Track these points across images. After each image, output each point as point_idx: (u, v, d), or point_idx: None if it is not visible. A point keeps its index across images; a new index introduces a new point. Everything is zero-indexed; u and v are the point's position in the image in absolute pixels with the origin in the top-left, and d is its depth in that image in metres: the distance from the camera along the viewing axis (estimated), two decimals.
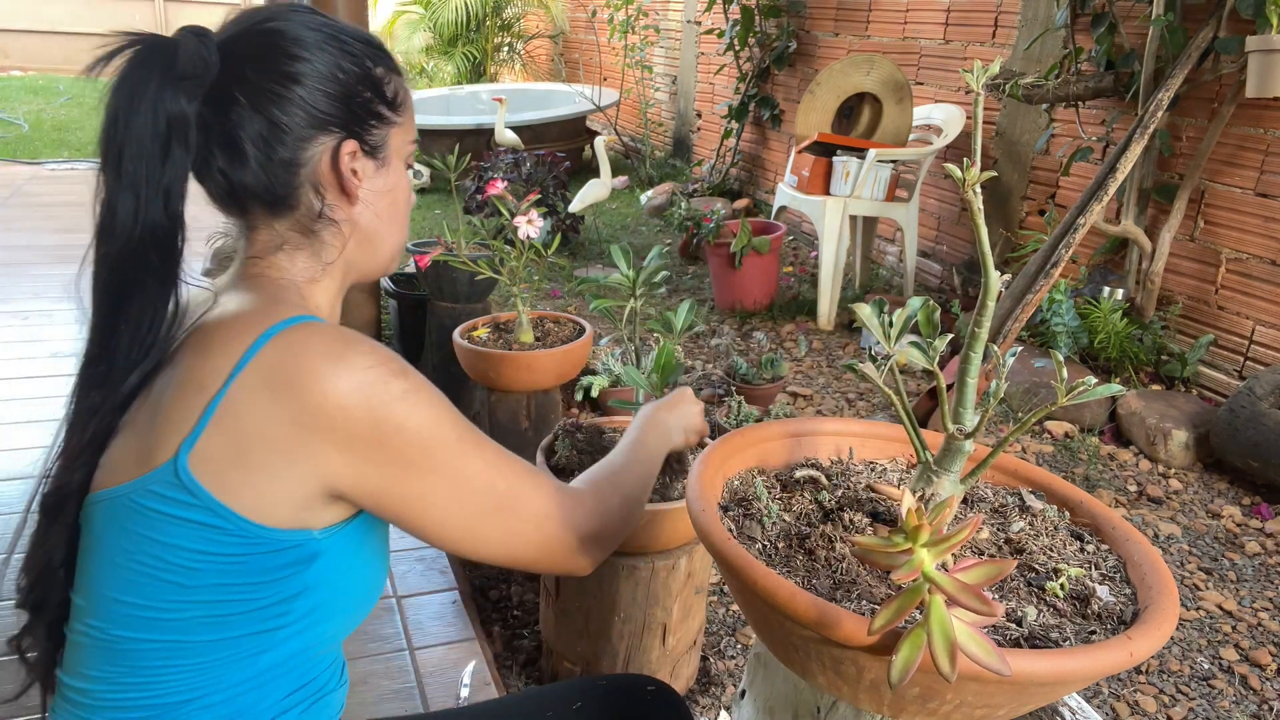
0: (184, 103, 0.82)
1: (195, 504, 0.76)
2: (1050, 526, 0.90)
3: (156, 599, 0.77)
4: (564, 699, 1.11)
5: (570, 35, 9.25)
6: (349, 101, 0.88)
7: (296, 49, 0.86)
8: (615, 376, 2.51)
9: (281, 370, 0.77)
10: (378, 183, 0.92)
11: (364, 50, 0.91)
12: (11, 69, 10.59)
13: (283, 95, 0.85)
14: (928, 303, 0.82)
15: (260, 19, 0.89)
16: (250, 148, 0.85)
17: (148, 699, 0.79)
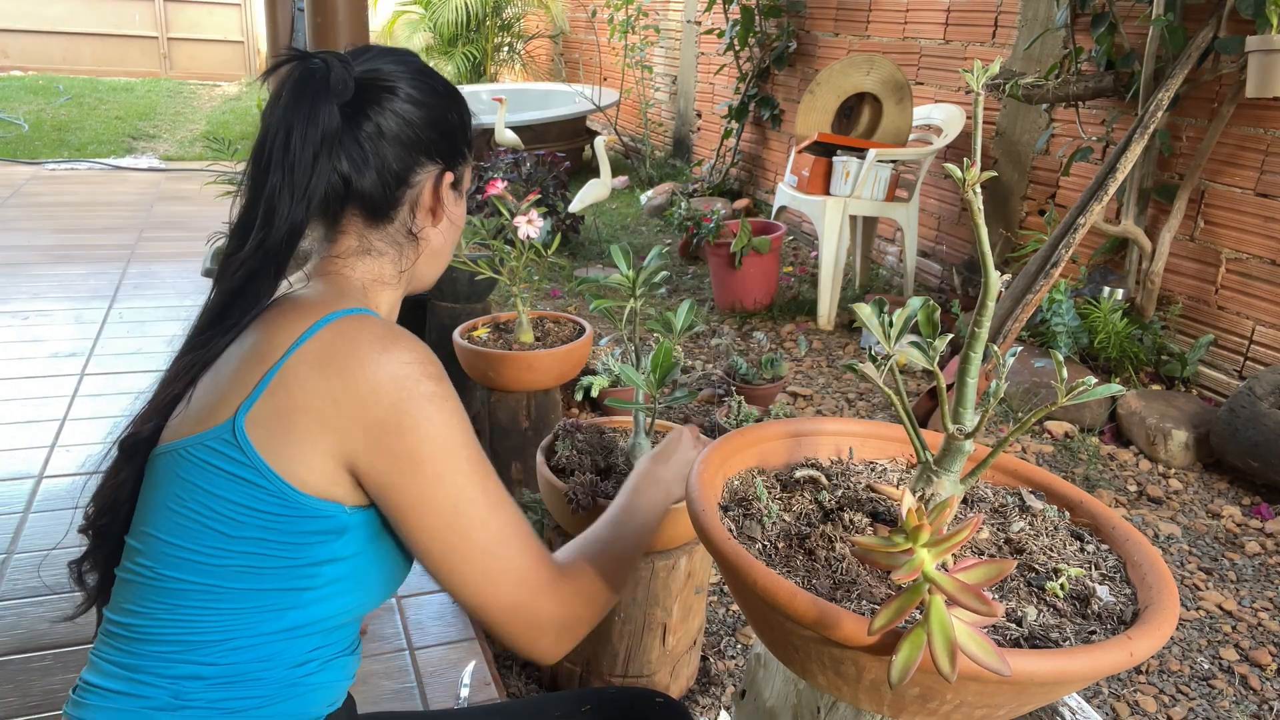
0: (335, 117, 0.94)
1: (244, 462, 0.85)
2: (1050, 526, 0.90)
3: (202, 544, 0.86)
4: (572, 703, 1.13)
5: (570, 35, 9.25)
6: (451, 140, 1.04)
7: (412, 87, 1.01)
8: (615, 376, 2.51)
9: (332, 351, 0.87)
10: (454, 211, 1.07)
11: (456, 96, 1.07)
12: (11, 69, 10.58)
13: (405, 121, 0.99)
14: (928, 303, 0.82)
15: (381, 59, 1.02)
16: (374, 160, 0.97)
17: (184, 635, 0.87)
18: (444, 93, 1.04)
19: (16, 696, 1.61)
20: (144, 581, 0.89)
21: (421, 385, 0.87)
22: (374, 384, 0.85)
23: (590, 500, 1.42)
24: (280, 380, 0.86)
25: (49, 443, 2.54)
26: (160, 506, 0.89)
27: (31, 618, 1.81)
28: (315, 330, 0.88)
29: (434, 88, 1.02)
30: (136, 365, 3.12)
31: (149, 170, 6.33)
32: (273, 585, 0.87)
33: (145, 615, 0.88)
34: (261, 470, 0.85)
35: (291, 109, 0.93)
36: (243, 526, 0.85)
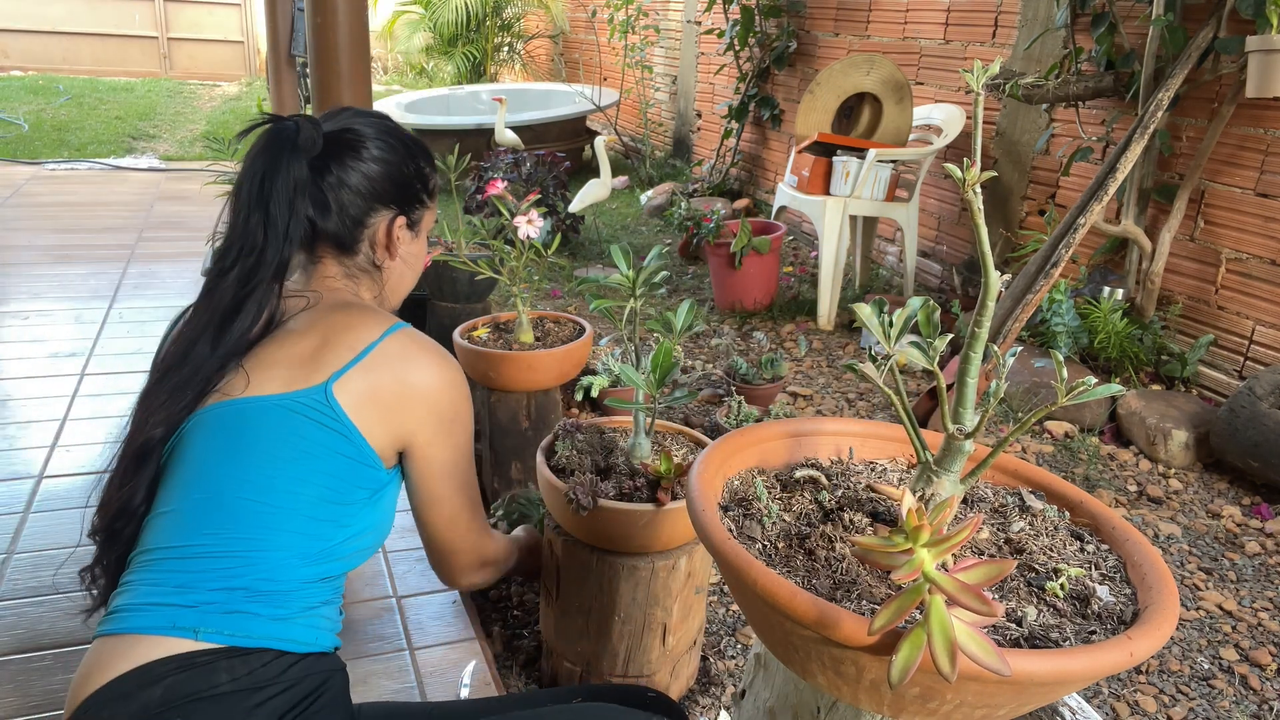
0: (304, 170, 1.17)
1: (330, 415, 1.10)
2: (1050, 526, 0.90)
3: (289, 474, 1.08)
4: (565, 698, 1.19)
5: (570, 35, 9.25)
6: (405, 190, 1.28)
7: (375, 146, 1.25)
8: (615, 376, 2.50)
9: (411, 353, 1.18)
10: (411, 248, 1.33)
11: (420, 152, 1.31)
12: (11, 69, 10.58)
13: (363, 175, 1.23)
14: (928, 303, 0.82)
15: (354, 119, 1.26)
16: (334, 206, 1.22)
17: (247, 549, 1.04)
18: (405, 151, 1.27)
19: (16, 696, 1.61)
20: (221, 507, 1.05)
21: (462, 390, 1.24)
22: (438, 384, 1.19)
23: (590, 500, 1.42)
24: (370, 362, 1.13)
25: (49, 443, 2.54)
26: (240, 448, 1.07)
27: (31, 618, 1.81)
28: (393, 331, 1.17)
29: (395, 146, 1.26)
30: (136, 365, 3.12)
31: (149, 170, 6.33)
32: (329, 516, 1.10)
33: (216, 535, 1.03)
34: (343, 422, 1.11)
35: (265, 161, 1.15)
36: (323, 462, 1.09)
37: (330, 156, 1.20)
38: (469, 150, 2.36)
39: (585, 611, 1.57)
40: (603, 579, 1.53)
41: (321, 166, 1.20)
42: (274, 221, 1.14)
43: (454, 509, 1.28)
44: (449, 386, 1.20)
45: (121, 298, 3.77)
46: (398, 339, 1.17)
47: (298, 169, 1.15)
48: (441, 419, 1.20)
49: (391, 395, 1.14)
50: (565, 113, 6.96)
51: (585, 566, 1.53)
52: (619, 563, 1.50)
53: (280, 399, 1.10)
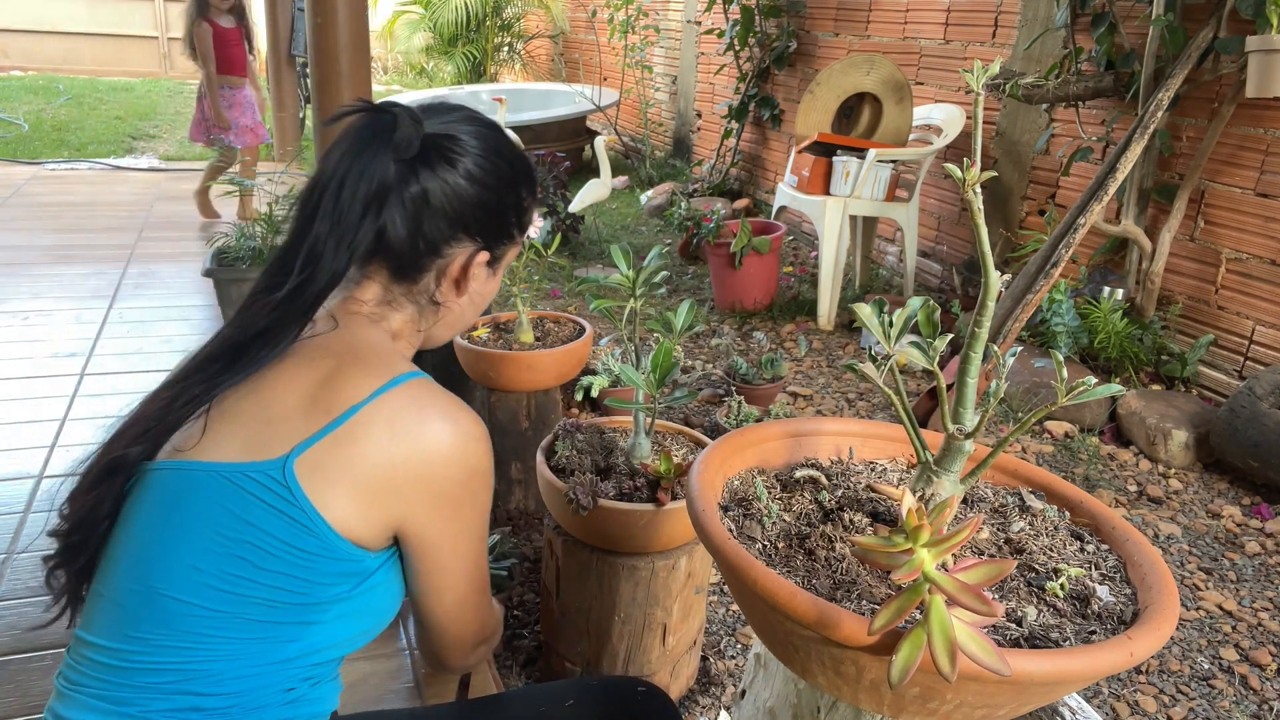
0: (390, 173, 0.96)
1: (290, 500, 0.86)
2: (1050, 526, 0.90)
3: (225, 572, 0.86)
4: (557, 696, 1.14)
5: (570, 35, 9.25)
6: (497, 223, 1.05)
7: (477, 161, 1.01)
8: (615, 376, 2.50)
9: (403, 417, 0.90)
10: (484, 286, 1.09)
11: (524, 179, 1.07)
12: (11, 69, 10.58)
13: (454, 194, 0.99)
14: (928, 303, 0.82)
15: (461, 123, 1.03)
16: (409, 221, 0.98)
17: (182, 663, 0.85)
18: (508, 175, 1.04)
19: (16, 696, 1.61)
20: (146, 607, 0.86)
21: (482, 461, 0.96)
22: (444, 458, 0.92)
23: (590, 500, 1.42)
24: (347, 432, 0.88)
25: (49, 443, 2.54)
26: (176, 525, 0.87)
27: (32, 618, 1.81)
28: (386, 390, 0.91)
29: (500, 166, 1.03)
30: (136, 365, 3.12)
31: (149, 170, 6.33)
32: (285, 619, 0.88)
33: (144, 643, 0.85)
34: (307, 511, 0.86)
35: (350, 159, 0.95)
36: (275, 560, 0.86)
37: (422, 161, 0.98)
38: None
39: (585, 611, 1.57)
40: (603, 579, 1.53)
41: (408, 171, 0.97)
42: (343, 228, 0.94)
43: (458, 598, 1.02)
44: (456, 460, 0.93)
45: (121, 298, 3.77)
46: (394, 398, 0.91)
47: (383, 168, 0.95)
48: (443, 499, 0.93)
49: (377, 472, 0.89)
50: (565, 113, 6.96)
51: (585, 566, 1.53)
52: (619, 563, 1.50)
53: (229, 470, 0.87)
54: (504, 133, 1.07)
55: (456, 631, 1.05)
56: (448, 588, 1.00)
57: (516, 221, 1.08)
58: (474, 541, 0.99)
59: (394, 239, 0.98)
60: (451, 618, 1.03)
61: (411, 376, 0.94)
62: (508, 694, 1.21)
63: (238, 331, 0.94)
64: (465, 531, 0.97)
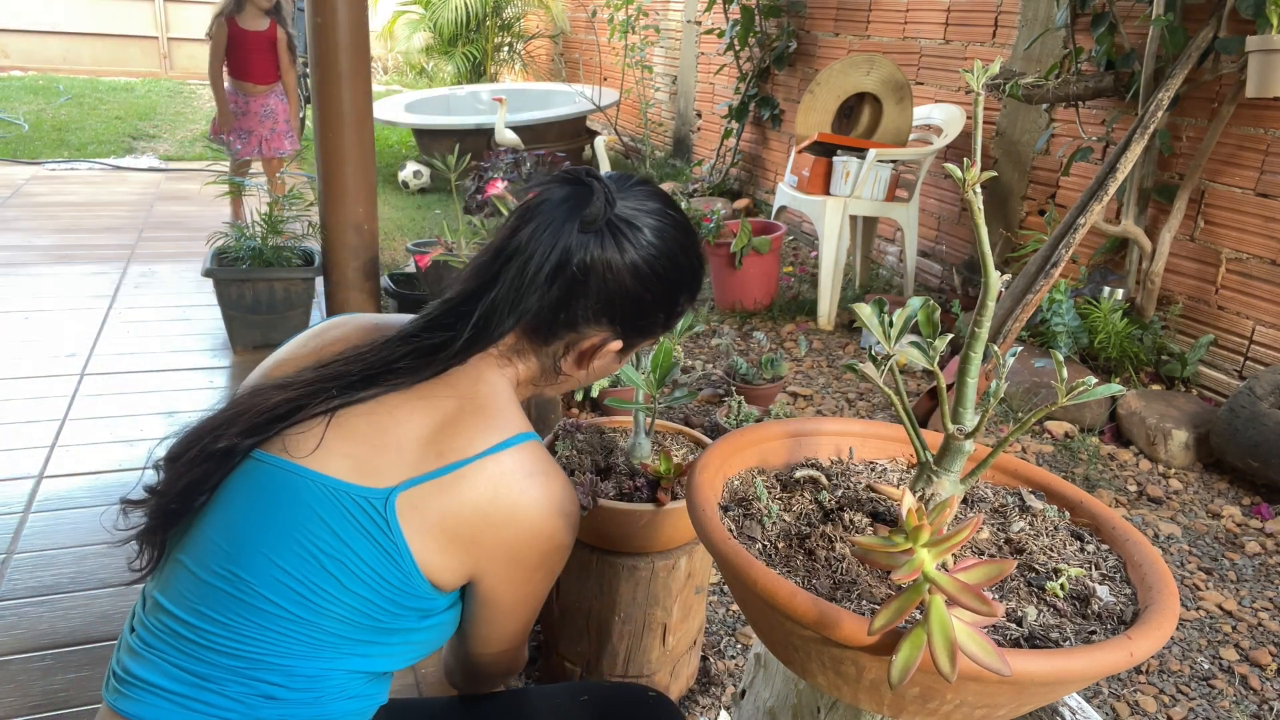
0: (575, 241, 0.96)
1: (386, 532, 0.89)
2: (1050, 526, 0.90)
3: (313, 581, 0.88)
4: (568, 695, 1.17)
5: (570, 35, 9.25)
6: (644, 320, 1.04)
7: (649, 259, 1.00)
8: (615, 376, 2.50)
9: (508, 482, 0.92)
10: (608, 366, 1.08)
11: (689, 285, 1.06)
12: (11, 69, 10.58)
13: (613, 281, 0.98)
14: (928, 303, 0.82)
15: (644, 205, 1.01)
16: (555, 290, 0.97)
17: (260, 654, 0.88)
18: (672, 279, 1.03)
19: (17, 696, 1.61)
20: (231, 593, 0.88)
21: (566, 539, 0.98)
22: (533, 529, 0.94)
23: (590, 500, 1.42)
24: (452, 481, 0.90)
25: (49, 443, 2.54)
26: (274, 525, 0.89)
27: (31, 618, 1.81)
28: (502, 449, 0.92)
29: (667, 270, 1.01)
30: (136, 365, 3.12)
31: (149, 170, 6.33)
32: (355, 637, 0.91)
33: (226, 627, 0.88)
34: (399, 546, 0.89)
35: (543, 232, 0.96)
36: (359, 582, 0.89)
37: (597, 238, 0.97)
38: (469, 150, 2.36)
39: (585, 611, 1.57)
40: (603, 579, 1.53)
41: (583, 244, 0.97)
42: (519, 295, 0.95)
43: (505, 647, 1.06)
44: (543, 532, 0.94)
45: (121, 298, 3.77)
46: (505, 460, 0.92)
47: (568, 239, 0.95)
48: (521, 564, 0.96)
49: (469, 526, 0.91)
50: (565, 113, 6.96)
51: (585, 566, 1.53)
52: (619, 563, 1.50)
53: (335, 486, 0.89)
54: (688, 228, 1.05)
55: (492, 672, 1.10)
56: (499, 639, 1.04)
57: (664, 323, 1.07)
58: (535, 603, 1.03)
59: (531, 299, 0.97)
60: (493, 659, 1.07)
61: (525, 439, 0.95)
62: (515, 691, 1.22)
63: (377, 361, 0.95)
64: (532, 596, 1.00)
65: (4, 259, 4.18)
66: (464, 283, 0.99)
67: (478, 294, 0.97)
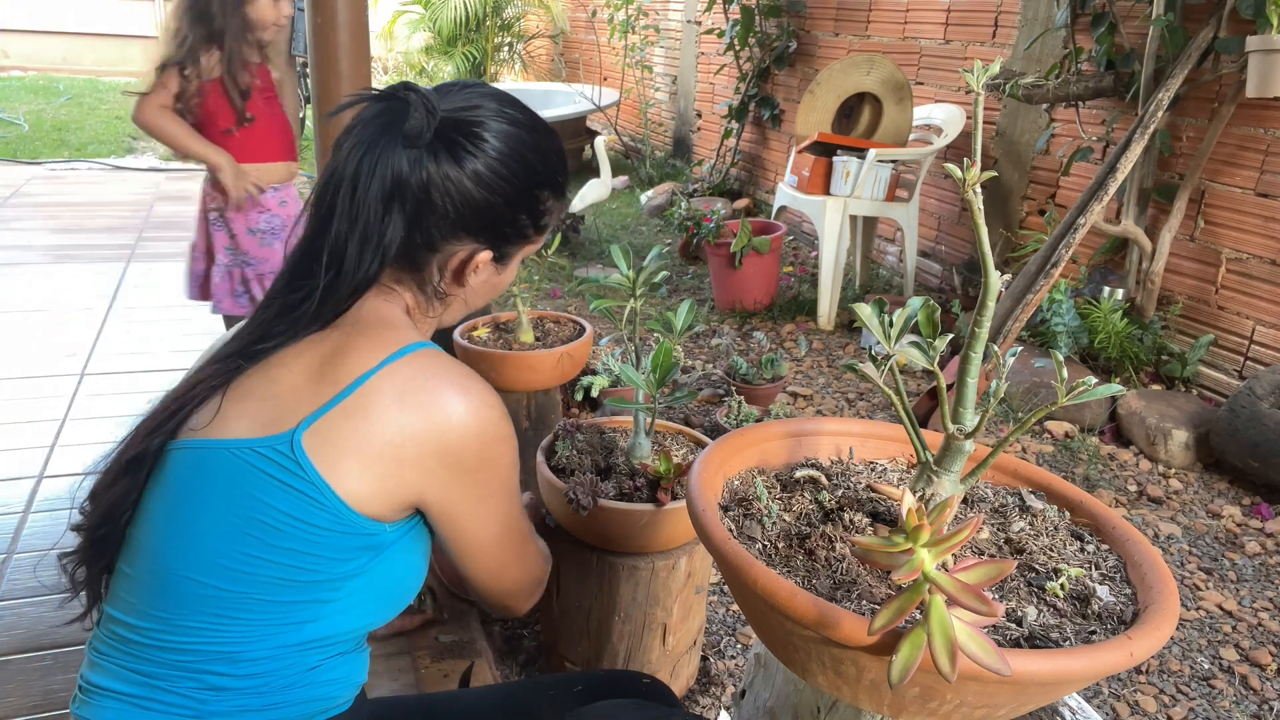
0: (404, 163, 0.90)
1: (300, 475, 0.84)
2: (1050, 526, 0.90)
3: (238, 549, 0.84)
4: (563, 685, 1.16)
5: (570, 35, 9.25)
6: (505, 224, 0.98)
7: (491, 164, 0.94)
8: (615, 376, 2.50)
9: (413, 387, 0.88)
10: (493, 279, 1.04)
11: (546, 179, 1.00)
12: (11, 69, 10.58)
13: (456, 195, 0.93)
14: (928, 303, 0.82)
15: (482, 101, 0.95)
16: (397, 215, 0.92)
17: (200, 644, 0.85)
18: (525, 178, 0.97)
19: (17, 696, 1.61)
20: (161, 586, 0.86)
21: (499, 428, 0.93)
22: (461, 430, 0.89)
23: (590, 500, 1.42)
24: (355, 403, 0.86)
25: (49, 443, 2.54)
26: (189, 505, 0.86)
27: (31, 618, 1.81)
28: (393, 360, 0.88)
29: (515, 171, 0.95)
30: (136, 365, 3.12)
31: (149, 170, 6.33)
32: (300, 598, 0.87)
33: (165, 622, 0.86)
34: (318, 485, 0.84)
35: (361, 151, 0.90)
36: (286, 537, 0.85)
37: (430, 153, 0.91)
38: None
39: (585, 611, 1.57)
40: (603, 579, 1.53)
41: (417, 162, 0.91)
42: (366, 228, 0.90)
43: (495, 557, 1.01)
44: (470, 430, 0.89)
45: (121, 298, 3.77)
46: (402, 367, 0.88)
47: (397, 161, 0.90)
48: (460, 469, 0.90)
49: (388, 445, 0.86)
50: (565, 113, 6.96)
51: (585, 566, 1.53)
52: (619, 563, 1.50)
53: (239, 446, 0.85)
54: (532, 124, 0.98)
55: (503, 587, 1.04)
56: (480, 550, 0.98)
57: (531, 223, 1.02)
58: (501, 503, 0.97)
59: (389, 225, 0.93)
60: (494, 575, 1.02)
61: (420, 347, 0.91)
62: (512, 684, 1.22)
63: (257, 333, 0.92)
64: (490, 496, 0.95)
65: (4, 259, 4.18)
66: (305, 227, 0.95)
67: (319, 236, 0.92)
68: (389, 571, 0.92)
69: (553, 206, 1.03)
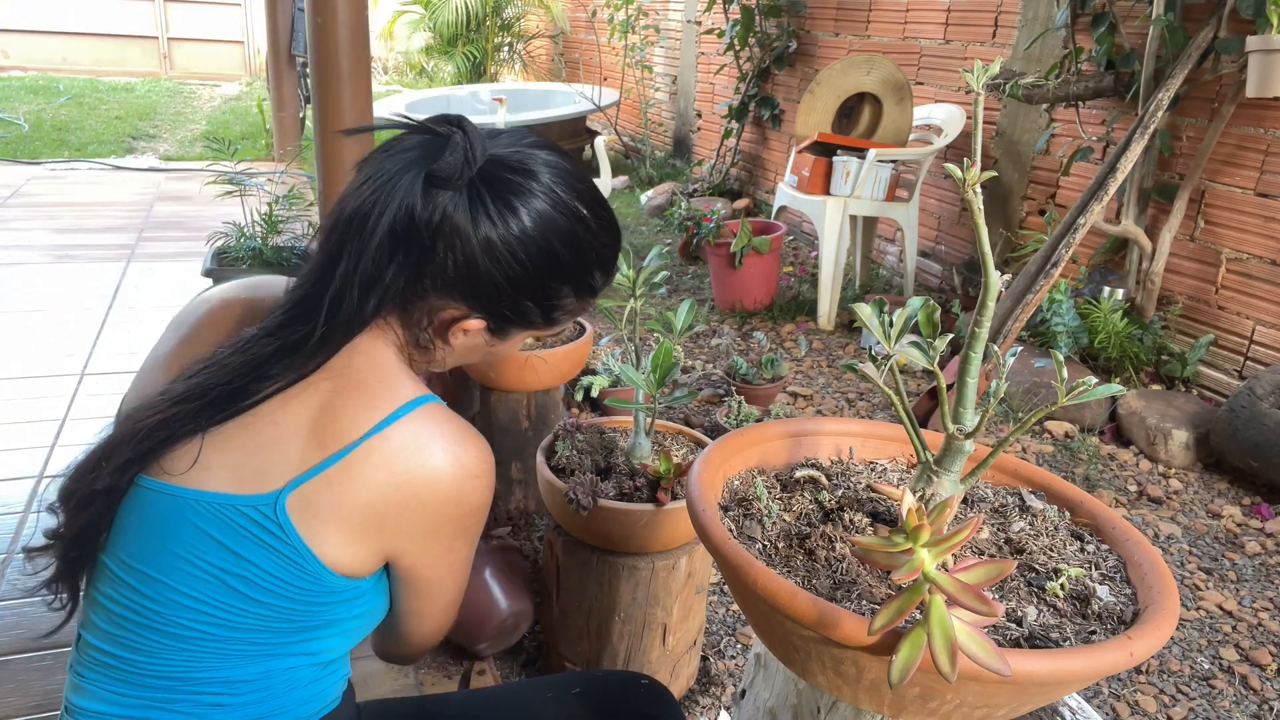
0: (420, 201, 0.82)
1: (282, 538, 0.82)
2: (1050, 526, 0.90)
3: (219, 601, 0.83)
4: (562, 686, 1.15)
5: (570, 35, 9.25)
6: (508, 308, 0.90)
7: (507, 235, 0.84)
8: (615, 376, 2.50)
9: (404, 455, 0.83)
10: (484, 348, 0.96)
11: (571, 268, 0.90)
12: (11, 69, 10.58)
13: (458, 252, 0.84)
14: (928, 303, 0.82)
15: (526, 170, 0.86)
16: (413, 253, 0.84)
17: (191, 673, 0.85)
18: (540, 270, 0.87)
19: (17, 696, 1.61)
20: (145, 622, 0.85)
21: (480, 498, 0.89)
22: (442, 500, 0.85)
23: (590, 500, 1.42)
24: (344, 470, 0.81)
25: (49, 443, 2.54)
26: (167, 551, 0.83)
27: (32, 618, 1.81)
28: (389, 424, 0.83)
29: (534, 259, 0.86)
30: (136, 365, 3.12)
31: (149, 170, 6.33)
32: (286, 640, 0.87)
33: (152, 655, 0.85)
34: (300, 550, 0.82)
35: (386, 185, 0.82)
36: (266, 591, 0.83)
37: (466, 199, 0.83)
38: None
39: (585, 611, 1.57)
40: (603, 579, 1.53)
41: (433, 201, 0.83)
42: (370, 273, 0.82)
43: (436, 621, 0.98)
44: (455, 500, 0.86)
45: (121, 298, 3.77)
46: (396, 434, 0.83)
47: (414, 198, 0.81)
48: (439, 538, 0.88)
49: (371, 513, 0.83)
50: (565, 113, 6.96)
51: (585, 566, 1.53)
52: (619, 563, 1.50)
53: (219, 501, 0.82)
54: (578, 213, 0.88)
55: (422, 644, 1.03)
56: (429, 614, 0.97)
57: (540, 314, 0.91)
58: (461, 572, 0.95)
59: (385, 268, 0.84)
60: (424, 634, 1.00)
61: (417, 404, 0.85)
62: (509, 685, 1.21)
63: (243, 368, 0.84)
64: (456, 566, 0.93)
65: (4, 259, 4.18)
66: (314, 260, 0.86)
67: (326, 271, 0.84)
68: (366, 611, 0.92)
69: (570, 305, 0.94)
